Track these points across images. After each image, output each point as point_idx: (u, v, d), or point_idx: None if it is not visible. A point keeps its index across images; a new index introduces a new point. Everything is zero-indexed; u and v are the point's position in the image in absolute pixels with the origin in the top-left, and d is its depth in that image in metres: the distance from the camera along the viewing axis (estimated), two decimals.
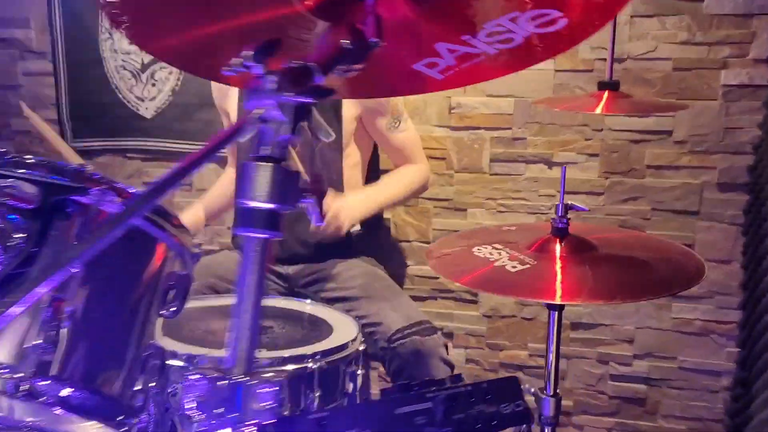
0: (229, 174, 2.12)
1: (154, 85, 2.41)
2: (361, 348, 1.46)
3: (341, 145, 1.91)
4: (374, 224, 2.10)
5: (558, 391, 1.32)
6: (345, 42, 0.76)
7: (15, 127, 2.60)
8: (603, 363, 2.32)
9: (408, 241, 2.40)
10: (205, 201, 2.11)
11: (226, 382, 0.66)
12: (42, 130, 1.80)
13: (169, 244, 1.01)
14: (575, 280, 1.20)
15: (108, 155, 2.56)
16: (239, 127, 0.67)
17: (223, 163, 2.23)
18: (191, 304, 1.63)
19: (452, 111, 2.27)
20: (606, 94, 1.58)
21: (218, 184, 2.13)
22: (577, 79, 2.16)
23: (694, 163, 2.13)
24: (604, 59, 2.11)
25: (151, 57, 2.34)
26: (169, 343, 1.36)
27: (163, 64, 2.36)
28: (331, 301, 1.84)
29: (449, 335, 2.41)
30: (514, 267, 1.16)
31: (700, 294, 2.19)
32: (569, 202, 1.27)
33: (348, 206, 1.77)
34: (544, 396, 1.31)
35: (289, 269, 1.95)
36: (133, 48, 2.40)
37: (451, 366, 1.69)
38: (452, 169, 2.31)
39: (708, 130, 2.10)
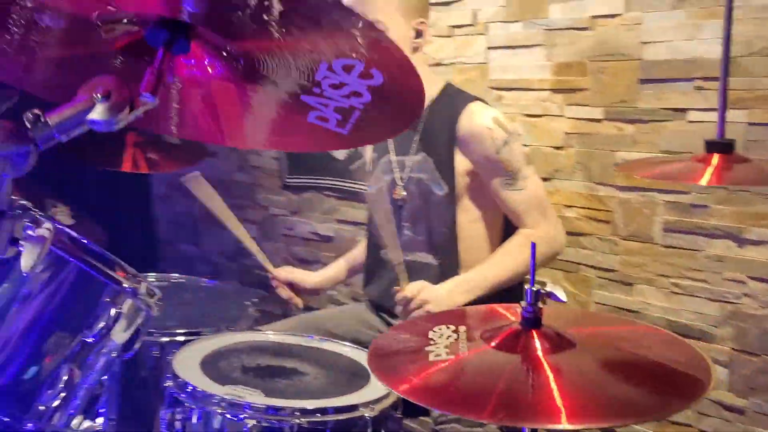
0: None
1: None
2: (371, 415, 1.35)
3: (454, 199, 1.80)
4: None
5: None
6: (96, 96, 0.75)
7: (252, 163, 3.02)
8: None
9: None
10: (347, 257, 2.18)
11: None
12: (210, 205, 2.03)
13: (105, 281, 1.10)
14: (529, 390, 0.95)
15: (311, 192, 2.80)
16: None
17: None
18: (252, 337, 1.72)
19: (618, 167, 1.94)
20: (716, 158, 1.20)
21: (361, 242, 2.18)
22: None
23: None
24: None
25: None
26: (190, 375, 1.44)
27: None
28: None
29: None
30: (437, 356, 0.97)
31: None
32: (544, 289, 1.01)
33: (437, 296, 1.65)
34: None
35: (396, 321, 1.90)
36: None
37: None
38: (617, 235, 1.97)
39: None
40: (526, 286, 1.01)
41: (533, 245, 1.03)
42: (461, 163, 1.78)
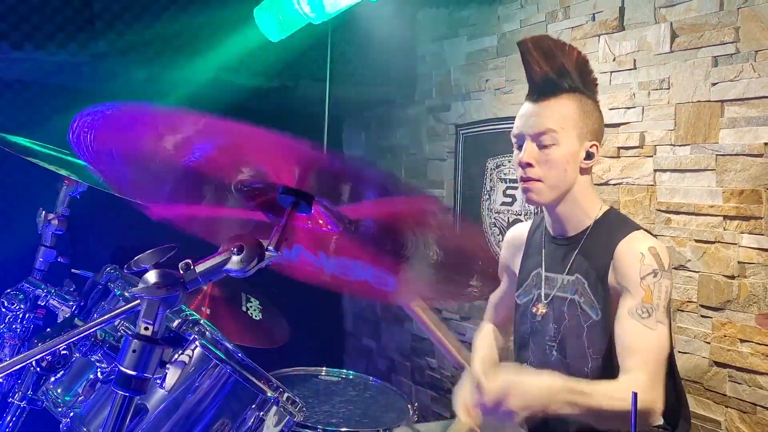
0: (485, 328, 2.12)
1: None
2: None
3: (609, 326, 1.72)
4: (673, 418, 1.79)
5: None
6: (232, 250, 0.93)
7: None
8: None
9: None
10: (478, 360, 1.98)
11: None
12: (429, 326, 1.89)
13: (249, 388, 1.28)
14: None
15: (479, 301, 2.86)
16: (125, 310, 0.93)
17: None
18: None
19: None
20: None
21: (480, 341, 2.07)
22: None
23: None
24: None
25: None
26: None
27: None
28: None
29: None
30: None
31: None
32: None
33: (523, 386, 1.50)
34: None
35: None
36: (503, 208, 2.68)
37: None
38: None
39: None
40: None
41: (634, 394, 1.01)
42: (613, 284, 1.72)
